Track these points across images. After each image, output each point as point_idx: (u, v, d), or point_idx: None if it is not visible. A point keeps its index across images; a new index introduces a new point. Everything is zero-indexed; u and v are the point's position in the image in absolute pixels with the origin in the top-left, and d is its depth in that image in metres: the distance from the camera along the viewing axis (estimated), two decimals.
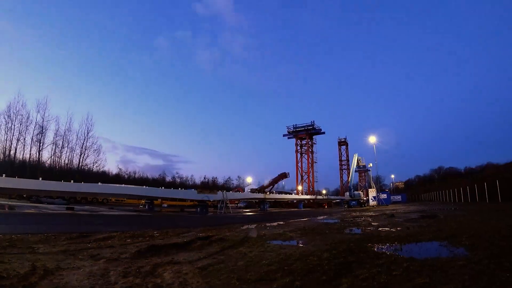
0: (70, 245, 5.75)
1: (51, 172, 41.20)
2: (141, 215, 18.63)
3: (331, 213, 23.90)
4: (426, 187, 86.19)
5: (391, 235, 7.13)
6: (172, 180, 77.11)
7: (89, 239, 6.64)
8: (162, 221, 14.97)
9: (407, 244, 5.64)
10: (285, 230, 9.08)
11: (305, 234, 7.96)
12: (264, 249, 5.37)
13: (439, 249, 5.02)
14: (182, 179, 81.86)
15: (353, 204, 41.81)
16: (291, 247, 5.70)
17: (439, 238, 6.26)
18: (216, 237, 6.83)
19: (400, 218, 13.51)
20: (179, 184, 71.30)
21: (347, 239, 6.47)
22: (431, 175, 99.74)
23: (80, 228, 9.04)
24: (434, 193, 61.38)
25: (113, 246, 5.67)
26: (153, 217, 17.47)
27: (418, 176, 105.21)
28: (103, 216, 16.31)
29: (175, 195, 26.87)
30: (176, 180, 78.12)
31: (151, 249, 5.30)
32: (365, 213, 20.08)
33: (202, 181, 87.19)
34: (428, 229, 8.22)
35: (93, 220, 13.22)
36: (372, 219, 13.26)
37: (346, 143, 76.15)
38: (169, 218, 17.14)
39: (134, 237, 7.08)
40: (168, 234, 7.91)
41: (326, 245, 5.67)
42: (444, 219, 11.64)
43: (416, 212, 17.87)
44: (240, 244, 6.10)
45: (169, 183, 68.98)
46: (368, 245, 5.63)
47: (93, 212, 18.98)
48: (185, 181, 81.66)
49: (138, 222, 13.72)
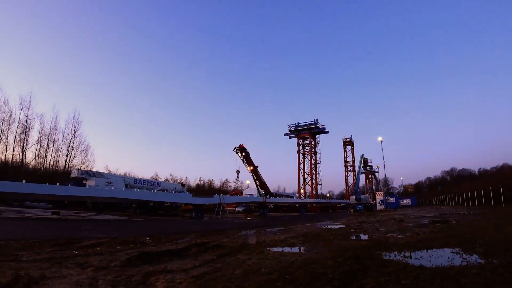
0: (56, 252, 5.74)
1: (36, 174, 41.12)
2: (133, 220, 18.61)
3: (336, 218, 23.93)
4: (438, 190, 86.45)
5: (399, 241, 7.13)
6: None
7: (76, 245, 6.63)
8: (155, 226, 14.96)
9: (417, 251, 5.64)
10: (286, 236, 9.08)
11: (308, 240, 7.96)
12: (263, 257, 5.37)
13: (451, 257, 5.02)
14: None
15: (359, 208, 41.81)
16: (292, 254, 5.70)
17: (451, 245, 6.26)
18: (212, 244, 6.83)
19: (409, 223, 13.53)
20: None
21: (353, 246, 6.47)
22: (443, 177, 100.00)
23: (66, 234, 9.03)
24: (446, 196, 61.44)
25: (101, 254, 5.67)
26: (145, 222, 17.45)
27: (429, 179, 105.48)
28: (92, 221, 16.29)
29: (168, 199, 26.83)
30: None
31: (142, 256, 5.30)
32: (372, 218, 20.10)
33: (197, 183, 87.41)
34: (439, 235, 8.23)
35: (80, 225, 13.21)
36: (380, 225, 13.27)
37: (351, 143, 76.09)
38: (162, 223, 17.12)
39: (125, 244, 7.07)
40: (161, 240, 7.91)
41: (330, 252, 5.67)
42: (456, 224, 11.66)
43: (427, 216, 17.89)
44: (238, 251, 6.09)
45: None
46: (375, 252, 5.63)
47: (81, 217, 18.96)
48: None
49: (129, 227, 13.71)
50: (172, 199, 27.84)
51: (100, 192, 21.36)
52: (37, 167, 44.75)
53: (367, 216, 25.72)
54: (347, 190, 73.74)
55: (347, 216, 27.48)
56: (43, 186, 18.21)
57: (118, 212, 28.37)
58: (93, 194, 20.75)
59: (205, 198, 28.67)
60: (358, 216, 25.61)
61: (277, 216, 30.29)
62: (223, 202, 25.33)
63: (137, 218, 20.65)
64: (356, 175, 53.17)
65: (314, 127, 59.95)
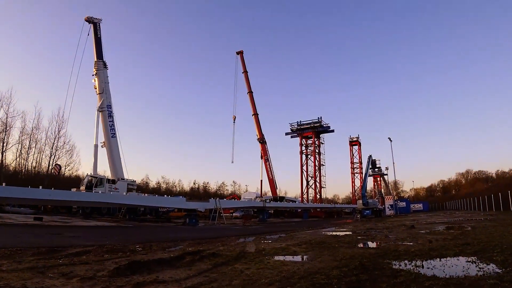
0: (39, 261, 5.73)
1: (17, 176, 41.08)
2: (121, 226, 18.61)
3: (341, 224, 23.94)
4: (452, 194, 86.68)
5: (410, 249, 7.14)
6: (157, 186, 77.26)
7: (60, 254, 6.62)
8: (145, 233, 14.96)
9: (429, 260, 5.65)
10: (287, 243, 9.09)
11: (311, 248, 7.97)
12: (263, 266, 5.37)
13: (466, 266, 5.03)
14: (168, 185, 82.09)
15: (367, 213, 41.86)
16: (294, 264, 5.70)
17: (467, 253, 6.28)
18: (207, 252, 6.83)
19: (421, 229, 13.56)
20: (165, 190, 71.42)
21: (360, 254, 6.48)
22: (457, 179, 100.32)
23: (50, 242, 9.01)
24: (460, 200, 61.64)
25: (88, 263, 5.66)
26: (135, 228, 17.45)
27: (442, 181, 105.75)
28: (77, 227, 16.27)
29: (159, 203, 26.80)
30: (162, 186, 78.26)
31: (132, 265, 5.29)
32: (380, 224, 20.13)
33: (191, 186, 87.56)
34: (453, 242, 8.25)
35: (65, 232, 13.18)
36: (389, 231, 13.29)
37: (358, 143, 75.98)
38: (154, 230, 17.12)
39: (113, 252, 7.07)
40: (152, 248, 7.90)
41: (335, 261, 5.68)
42: (472, 231, 11.69)
43: (440, 222, 17.94)
44: (235, 260, 6.09)
45: (153, 189, 69.14)
46: (384, 261, 5.63)
47: (65, 223, 18.93)
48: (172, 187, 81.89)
49: (118, 234, 13.69)
50: (164, 204, 27.86)
51: (86, 196, 21.33)
52: (18, 169, 44.70)
53: (375, 222, 25.75)
54: (353, 194, 73.86)
55: (353, 222, 27.51)
56: (25, 189, 18.14)
57: (106, 218, 28.35)
58: (78, 198, 20.71)
59: (200, 203, 28.66)
60: (366, 222, 25.64)
61: (278, 222, 30.32)
62: (219, 207, 25.30)
63: (126, 224, 20.63)
64: (364, 177, 53.12)
65: (318, 125, 59.88)
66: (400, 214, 53.07)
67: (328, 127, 60.73)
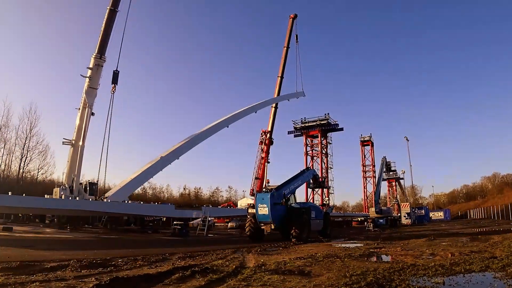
0: (9, 277, 5.72)
1: None
2: (102, 237, 18.59)
3: (351, 234, 23.96)
4: (476, 201, 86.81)
5: (430, 264, 7.16)
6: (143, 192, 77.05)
7: (33, 269, 6.61)
8: (129, 245, 14.94)
9: (451, 276, 5.66)
10: (290, 257, 9.09)
11: (317, 262, 7.97)
12: (263, 283, 5.38)
13: (493, 283, 5.04)
14: (155, 190, 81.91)
15: (380, 222, 41.90)
16: (298, 281, 5.70)
17: (493, 268, 6.29)
18: (200, 267, 6.83)
19: (442, 241, 13.58)
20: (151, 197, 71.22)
21: (373, 270, 6.49)
22: (482, 184, 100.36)
23: (21, 255, 8.99)
24: (486, 208, 61.77)
25: (64, 279, 5.65)
26: (118, 240, 17.44)
27: (465, 186, 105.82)
28: (52, 239, 16.25)
29: (145, 212, 26.78)
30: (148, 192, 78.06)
31: (114, 282, 5.29)
32: (395, 235, 20.16)
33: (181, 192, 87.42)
34: (479, 255, 8.26)
35: (38, 244, 13.16)
36: (405, 243, 13.31)
37: (371, 142, 75.63)
38: (138, 241, 17.11)
39: (93, 267, 7.06)
40: (137, 263, 7.90)
41: (344, 278, 5.68)
42: (500, 242, 11.71)
43: (463, 233, 17.97)
44: (231, 276, 6.10)
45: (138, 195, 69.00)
46: (400, 277, 5.64)
47: (38, 234, 18.89)
48: (159, 193, 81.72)
49: (98, 246, 13.68)
50: (150, 212, 27.84)
51: (62, 203, 21.28)
52: None
53: (390, 232, 25.79)
54: (365, 201, 73.83)
55: (365, 232, 27.54)
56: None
57: (85, 228, 28.32)
58: (53, 206, 20.66)
59: (191, 211, 28.68)
60: (379, 232, 25.67)
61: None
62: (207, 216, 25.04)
63: (108, 235, 20.61)
64: (377, 182, 53.24)
65: (325, 123, 59.75)
66: (418, 223, 53.19)
67: (336, 124, 60.69)
